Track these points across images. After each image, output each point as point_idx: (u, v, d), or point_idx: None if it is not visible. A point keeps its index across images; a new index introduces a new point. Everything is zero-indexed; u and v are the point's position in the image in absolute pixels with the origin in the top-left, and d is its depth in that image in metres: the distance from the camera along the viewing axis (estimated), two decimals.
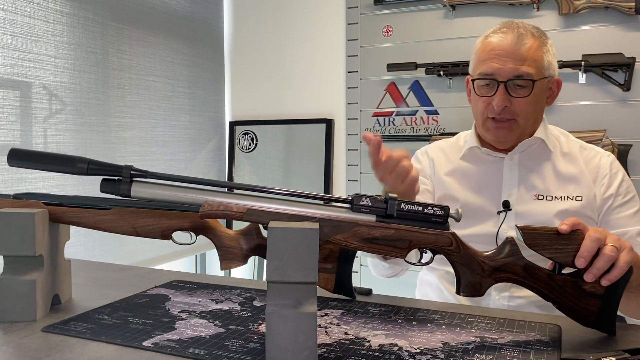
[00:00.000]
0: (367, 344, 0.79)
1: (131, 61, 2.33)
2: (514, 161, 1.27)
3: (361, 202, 0.82)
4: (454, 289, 1.24)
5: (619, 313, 0.87)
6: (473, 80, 1.25)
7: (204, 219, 0.98)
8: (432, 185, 1.34)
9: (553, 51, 1.24)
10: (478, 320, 0.91)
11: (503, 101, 1.19)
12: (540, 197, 1.23)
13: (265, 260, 1.00)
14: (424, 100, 2.49)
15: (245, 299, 1.02)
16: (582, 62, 2.14)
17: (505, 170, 1.27)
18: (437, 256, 0.86)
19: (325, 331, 0.84)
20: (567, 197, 1.22)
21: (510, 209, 1.22)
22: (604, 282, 0.81)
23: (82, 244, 2.04)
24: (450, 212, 0.83)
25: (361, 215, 0.82)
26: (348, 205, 0.83)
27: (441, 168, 1.34)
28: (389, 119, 2.56)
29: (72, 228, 1.01)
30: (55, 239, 0.96)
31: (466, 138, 1.35)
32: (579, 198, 1.21)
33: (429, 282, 1.35)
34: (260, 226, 0.99)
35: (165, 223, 0.97)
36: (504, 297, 1.21)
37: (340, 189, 2.70)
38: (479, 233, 1.22)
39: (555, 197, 1.22)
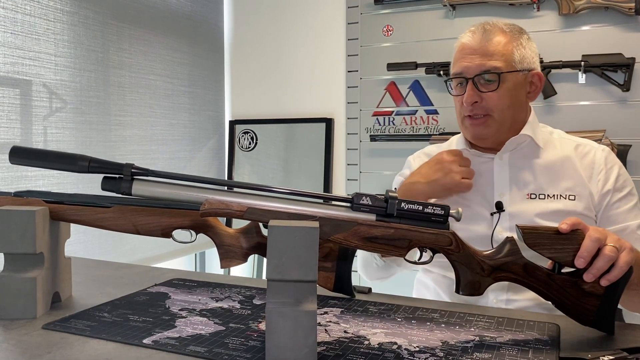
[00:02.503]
0: (366, 342, 0.80)
1: (131, 60, 2.33)
2: (504, 161, 1.26)
3: (361, 201, 0.82)
4: (450, 292, 1.25)
5: (619, 307, 0.87)
6: (447, 82, 1.28)
7: (204, 217, 0.98)
8: None
9: (530, 46, 1.24)
10: (477, 319, 0.91)
11: (471, 97, 1.20)
12: (533, 196, 1.22)
13: (264, 259, 1.00)
14: (424, 99, 2.50)
15: (245, 297, 1.02)
16: (582, 63, 2.14)
17: (496, 170, 1.26)
18: (433, 260, 0.86)
19: (325, 329, 0.85)
20: (560, 195, 1.21)
21: (504, 210, 1.21)
22: (604, 282, 0.81)
23: (81, 242, 2.04)
24: (451, 211, 0.83)
25: (361, 214, 0.82)
26: (348, 204, 0.83)
27: None
28: (389, 118, 2.56)
29: (72, 226, 1.01)
30: (55, 237, 0.96)
31: (457, 141, 1.35)
32: (572, 197, 1.20)
33: (425, 284, 1.35)
34: (260, 225, 0.99)
35: (166, 221, 0.98)
36: (502, 301, 1.20)
37: (340, 188, 2.70)
38: (473, 235, 1.20)
39: (548, 195, 1.21)
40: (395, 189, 1.36)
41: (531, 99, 1.27)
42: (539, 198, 1.21)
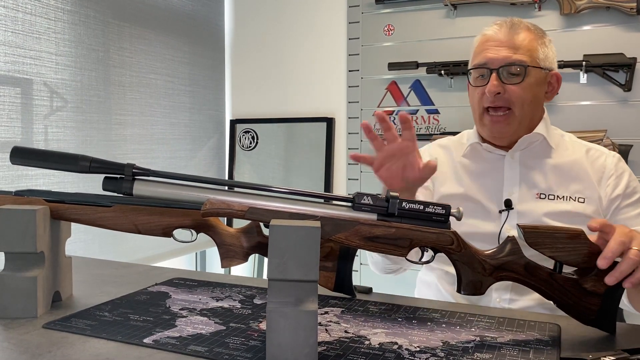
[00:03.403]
0: (367, 342, 0.80)
1: (132, 59, 2.33)
2: (515, 159, 1.26)
3: (362, 201, 0.82)
4: (452, 289, 1.25)
5: (621, 306, 0.87)
6: (468, 74, 1.27)
7: (205, 217, 0.98)
8: (432, 185, 1.34)
9: (552, 47, 1.25)
10: (478, 319, 0.91)
11: (495, 87, 1.19)
12: (542, 195, 1.22)
13: (265, 259, 0.99)
14: (425, 99, 2.50)
15: (246, 297, 1.02)
16: (583, 62, 2.14)
17: (506, 168, 1.26)
18: (436, 256, 0.86)
19: (326, 329, 0.85)
20: (570, 197, 1.21)
21: (512, 208, 1.21)
22: (627, 285, 0.81)
23: (82, 241, 2.04)
24: (452, 210, 0.83)
25: (362, 214, 0.82)
26: (349, 204, 0.83)
27: (443, 167, 1.34)
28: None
29: (72, 225, 1.01)
30: (56, 236, 0.96)
31: (469, 135, 1.34)
32: (581, 199, 1.20)
33: (427, 282, 1.35)
34: (261, 224, 0.99)
35: (167, 221, 0.98)
36: (505, 300, 1.21)
37: (340, 188, 2.70)
38: (481, 232, 1.21)
39: (557, 196, 1.22)
40: None
41: (548, 99, 1.28)
42: (549, 198, 1.21)
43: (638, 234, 0.84)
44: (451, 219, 0.83)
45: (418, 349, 0.77)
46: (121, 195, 0.85)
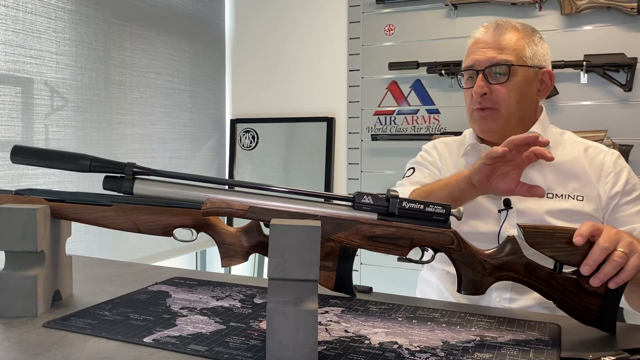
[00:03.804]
0: (367, 341, 0.80)
1: (132, 58, 2.33)
2: None
3: (363, 200, 0.82)
4: (453, 289, 1.25)
5: (621, 305, 0.87)
6: (459, 78, 1.29)
7: (205, 216, 0.98)
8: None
9: (542, 44, 1.26)
10: (478, 319, 0.91)
11: (480, 87, 1.22)
12: None
13: (265, 258, 0.99)
14: (426, 99, 2.49)
15: (246, 296, 1.02)
16: (584, 62, 2.14)
17: None
18: (437, 255, 0.86)
19: (326, 329, 0.85)
20: (569, 195, 1.21)
21: (512, 207, 1.21)
22: (612, 285, 0.81)
23: (82, 240, 2.04)
24: (452, 210, 0.83)
25: (363, 213, 0.82)
26: (349, 203, 0.83)
27: (447, 165, 1.35)
28: (391, 117, 2.56)
29: (73, 224, 1.01)
30: (56, 235, 0.96)
31: (469, 135, 1.35)
32: (580, 197, 1.20)
33: (428, 281, 1.35)
34: (262, 223, 0.99)
35: (167, 220, 0.98)
36: (505, 299, 1.20)
37: (341, 188, 2.70)
38: (481, 231, 1.21)
39: (557, 194, 1.22)
40: (414, 168, 1.36)
41: (541, 96, 1.28)
42: (547, 197, 1.21)
43: (625, 235, 0.84)
44: (451, 218, 0.83)
45: (418, 348, 0.77)
46: (121, 194, 0.85)
